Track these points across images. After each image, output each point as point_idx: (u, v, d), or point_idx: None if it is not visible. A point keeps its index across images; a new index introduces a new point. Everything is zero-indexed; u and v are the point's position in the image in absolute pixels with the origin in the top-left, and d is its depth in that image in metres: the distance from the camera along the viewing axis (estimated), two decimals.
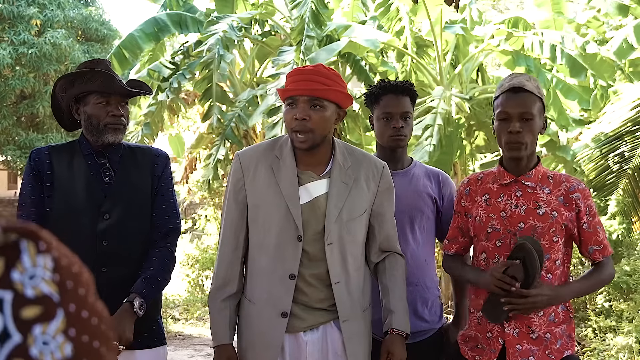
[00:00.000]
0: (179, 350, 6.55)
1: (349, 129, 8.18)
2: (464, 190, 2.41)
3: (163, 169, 2.49)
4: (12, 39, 14.46)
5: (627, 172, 6.51)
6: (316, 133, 2.19)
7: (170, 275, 2.44)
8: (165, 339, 2.48)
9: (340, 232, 2.23)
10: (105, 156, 2.40)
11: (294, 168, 2.24)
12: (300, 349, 2.24)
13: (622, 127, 6.58)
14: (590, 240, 2.28)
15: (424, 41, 8.38)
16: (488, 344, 2.27)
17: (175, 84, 7.88)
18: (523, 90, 2.23)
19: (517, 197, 2.28)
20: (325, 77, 2.21)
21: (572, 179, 2.31)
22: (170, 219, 2.45)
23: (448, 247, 2.50)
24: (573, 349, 2.30)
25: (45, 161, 2.37)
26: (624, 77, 8.30)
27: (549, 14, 8.55)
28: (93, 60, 2.46)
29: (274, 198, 2.22)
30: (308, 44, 6.79)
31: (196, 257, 8.63)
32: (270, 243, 2.22)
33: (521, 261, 2.15)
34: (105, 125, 2.35)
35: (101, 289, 2.24)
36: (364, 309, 2.30)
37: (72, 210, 2.33)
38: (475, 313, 2.33)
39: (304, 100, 2.18)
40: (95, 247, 2.31)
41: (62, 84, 2.39)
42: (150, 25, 8.35)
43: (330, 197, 2.22)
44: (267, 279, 2.23)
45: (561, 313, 2.28)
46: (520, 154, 2.24)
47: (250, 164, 2.27)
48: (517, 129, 2.20)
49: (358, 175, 2.28)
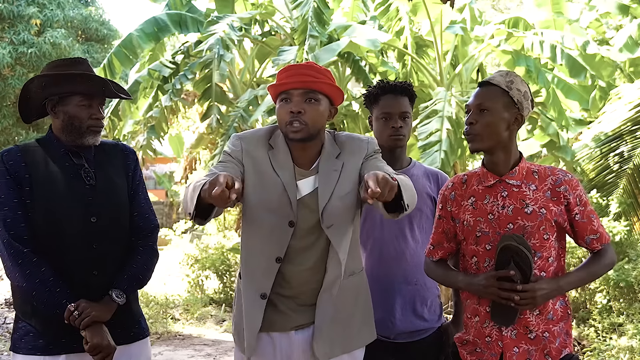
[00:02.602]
0: (179, 350, 6.55)
1: (349, 129, 8.18)
2: (449, 195, 2.36)
3: (135, 166, 2.49)
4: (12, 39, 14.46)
5: (626, 172, 6.51)
6: (310, 126, 2.20)
7: (152, 271, 2.46)
8: (149, 331, 2.53)
9: (336, 211, 2.23)
10: (81, 156, 2.37)
11: (289, 157, 2.26)
12: (292, 347, 2.27)
13: (622, 126, 6.59)
14: (586, 230, 2.25)
15: (424, 41, 8.38)
16: (488, 348, 2.26)
17: (177, 85, 7.88)
18: (488, 84, 2.27)
19: (503, 197, 2.25)
20: (317, 72, 2.23)
21: (557, 171, 2.27)
22: (150, 217, 2.47)
23: (433, 253, 2.42)
24: (571, 347, 2.29)
25: (20, 164, 2.29)
26: (624, 76, 8.30)
27: (548, 14, 8.55)
28: (74, 59, 2.40)
29: (272, 179, 2.23)
30: (312, 44, 6.78)
31: (196, 257, 8.62)
32: (262, 224, 2.24)
33: (512, 263, 2.13)
34: (87, 128, 2.33)
35: (92, 292, 2.28)
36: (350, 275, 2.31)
37: (58, 216, 2.28)
38: (472, 318, 2.31)
39: (298, 94, 2.20)
40: (86, 251, 2.30)
41: (42, 81, 2.34)
42: (150, 25, 8.36)
43: (320, 190, 2.23)
44: (256, 259, 2.26)
45: (559, 310, 2.26)
46: (476, 145, 2.25)
47: (250, 146, 2.27)
48: (469, 120, 2.25)
49: (347, 158, 2.29)
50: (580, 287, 5.71)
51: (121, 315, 2.33)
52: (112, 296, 2.29)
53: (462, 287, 2.31)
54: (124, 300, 2.31)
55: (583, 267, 2.31)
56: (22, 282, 2.24)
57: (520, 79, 2.28)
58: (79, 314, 2.21)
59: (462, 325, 2.49)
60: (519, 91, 2.25)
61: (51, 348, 2.27)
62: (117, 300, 2.29)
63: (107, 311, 2.27)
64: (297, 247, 2.24)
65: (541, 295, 2.14)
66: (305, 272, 2.25)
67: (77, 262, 2.29)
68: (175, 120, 10.88)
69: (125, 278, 2.34)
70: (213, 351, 6.45)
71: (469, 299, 2.33)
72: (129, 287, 2.34)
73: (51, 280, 2.22)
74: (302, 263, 2.25)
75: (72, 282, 2.26)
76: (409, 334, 2.67)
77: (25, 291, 2.26)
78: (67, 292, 2.23)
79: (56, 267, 2.25)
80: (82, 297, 2.25)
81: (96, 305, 2.25)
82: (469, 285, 2.26)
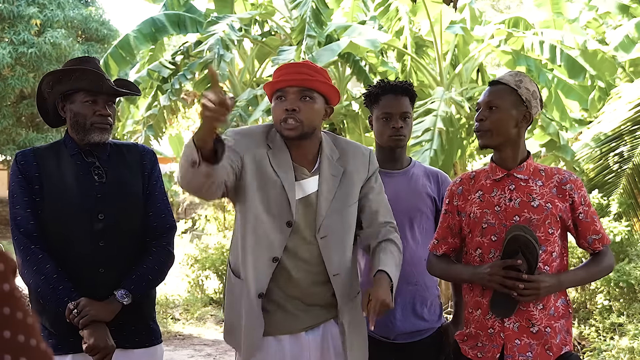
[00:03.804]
0: (179, 350, 6.55)
1: (349, 129, 8.18)
2: (457, 190, 2.40)
3: (152, 166, 2.46)
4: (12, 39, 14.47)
5: (626, 172, 6.51)
6: (305, 124, 2.19)
7: (165, 274, 2.42)
8: (161, 338, 2.47)
9: (333, 224, 2.24)
10: (93, 155, 2.37)
11: (289, 160, 2.24)
12: (302, 349, 2.25)
13: (622, 126, 6.58)
14: (589, 230, 2.29)
15: (424, 41, 8.37)
16: (490, 340, 2.27)
17: (176, 84, 7.87)
18: (498, 83, 2.33)
19: (510, 190, 2.29)
20: (313, 70, 2.23)
21: (563, 171, 2.33)
22: (167, 218, 2.44)
23: (437, 248, 2.45)
24: (571, 345, 2.30)
25: (32, 163, 2.32)
26: (625, 75, 8.29)
27: (548, 14, 8.55)
28: (81, 58, 2.42)
29: (270, 178, 2.21)
30: (309, 44, 6.78)
31: (196, 257, 8.62)
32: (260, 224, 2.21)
33: (520, 253, 2.14)
34: (91, 125, 2.32)
35: (99, 290, 2.26)
36: (355, 296, 2.32)
37: (65, 213, 2.28)
38: (473, 312, 2.32)
39: (293, 92, 2.19)
40: (93, 248, 2.28)
41: (49, 80, 2.34)
42: (147, 25, 8.34)
43: (321, 192, 2.23)
44: (253, 258, 2.23)
45: (561, 307, 2.28)
46: (485, 141, 2.31)
47: (250, 143, 2.25)
48: (479, 117, 2.31)
49: (346, 165, 2.29)
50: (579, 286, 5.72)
51: (128, 317, 2.29)
52: (115, 296, 2.25)
53: (466, 278, 2.33)
54: (129, 300, 2.27)
55: (583, 266, 2.35)
56: (29, 279, 2.25)
57: (529, 79, 2.33)
58: (78, 312, 2.19)
59: (463, 324, 2.49)
60: (527, 90, 2.30)
61: (60, 347, 2.26)
62: (121, 300, 2.25)
63: (108, 311, 2.23)
64: (295, 246, 2.22)
65: (544, 287, 2.16)
66: (304, 271, 2.24)
67: (83, 259, 2.27)
68: (175, 120, 10.88)
69: (133, 278, 2.30)
70: (213, 351, 6.45)
71: (470, 293, 2.34)
72: (136, 287, 2.29)
73: (55, 277, 2.21)
74: (300, 262, 2.23)
75: (78, 279, 2.25)
76: (409, 334, 2.67)
77: (33, 288, 2.28)
78: (70, 290, 2.22)
79: (63, 264, 2.25)
80: (89, 295, 2.23)
81: (97, 305, 2.22)
82: (473, 275, 2.28)
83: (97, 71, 2.34)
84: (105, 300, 2.25)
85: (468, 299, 2.36)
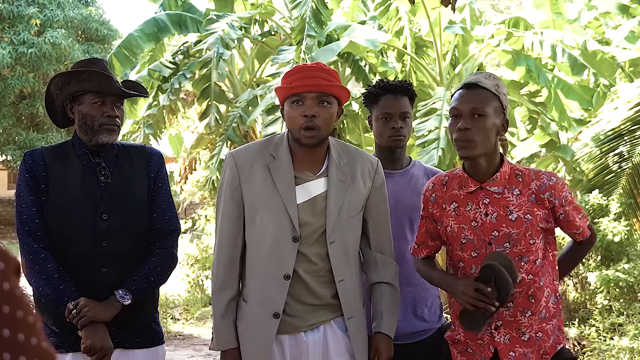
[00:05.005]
0: (179, 350, 6.55)
1: (348, 129, 8.17)
2: (430, 197, 2.32)
3: (159, 168, 2.47)
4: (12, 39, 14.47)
5: (626, 172, 6.50)
6: (322, 130, 2.20)
7: (168, 275, 2.43)
8: (163, 339, 2.47)
9: (342, 230, 2.24)
10: (100, 155, 2.38)
11: (290, 167, 2.24)
12: (301, 349, 2.24)
13: (622, 126, 6.58)
14: (569, 227, 2.26)
15: (424, 41, 8.37)
16: (480, 351, 2.25)
17: (176, 84, 7.87)
18: (477, 87, 2.14)
19: (485, 204, 2.19)
20: (328, 74, 2.23)
21: (542, 176, 2.18)
22: (171, 220, 2.44)
23: (418, 252, 2.42)
24: (564, 341, 2.28)
25: (39, 162, 2.34)
26: (624, 75, 8.28)
27: (547, 15, 8.55)
28: (90, 59, 2.43)
29: (271, 198, 2.21)
30: (309, 44, 6.78)
31: (196, 257, 8.62)
32: (266, 243, 2.22)
33: (493, 282, 2.10)
34: (100, 126, 2.33)
35: (100, 290, 2.27)
36: (363, 304, 2.33)
37: (69, 212, 2.30)
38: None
39: (312, 97, 2.18)
40: (95, 248, 2.29)
41: (58, 81, 2.36)
42: (150, 25, 8.34)
43: (329, 196, 2.23)
44: (262, 279, 2.23)
45: (552, 307, 2.24)
46: (471, 153, 2.13)
47: (245, 164, 2.26)
48: (465, 126, 2.10)
49: (354, 172, 2.29)
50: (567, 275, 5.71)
51: (130, 317, 2.30)
52: (116, 296, 2.26)
53: (444, 287, 2.31)
54: (130, 300, 2.27)
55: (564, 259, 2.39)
56: (31, 278, 2.27)
57: (500, 80, 2.21)
58: (77, 312, 2.20)
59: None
60: (504, 95, 2.18)
61: (60, 345, 2.28)
62: (121, 300, 2.26)
63: (108, 311, 2.24)
64: (305, 259, 2.22)
65: None
66: (313, 275, 2.24)
67: (85, 258, 2.29)
68: (175, 120, 10.87)
69: (134, 278, 2.30)
70: (213, 351, 6.45)
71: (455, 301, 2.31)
72: (137, 287, 2.30)
73: (56, 277, 2.22)
74: (310, 268, 2.23)
75: (79, 278, 2.26)
76: (409, 335, 2.66)
77: (35, 287, 2.29)
78: (71, 290, 2.22)
79: (65, 262, 2.26)
80: (90, 294, 2.24)
81: (96, 305, 2.22)
82: (449, 287, 2.26)
83: (106, 73, 2.35)
84: (105, 301, 2.26)
85: (452, 302, 2.34)
